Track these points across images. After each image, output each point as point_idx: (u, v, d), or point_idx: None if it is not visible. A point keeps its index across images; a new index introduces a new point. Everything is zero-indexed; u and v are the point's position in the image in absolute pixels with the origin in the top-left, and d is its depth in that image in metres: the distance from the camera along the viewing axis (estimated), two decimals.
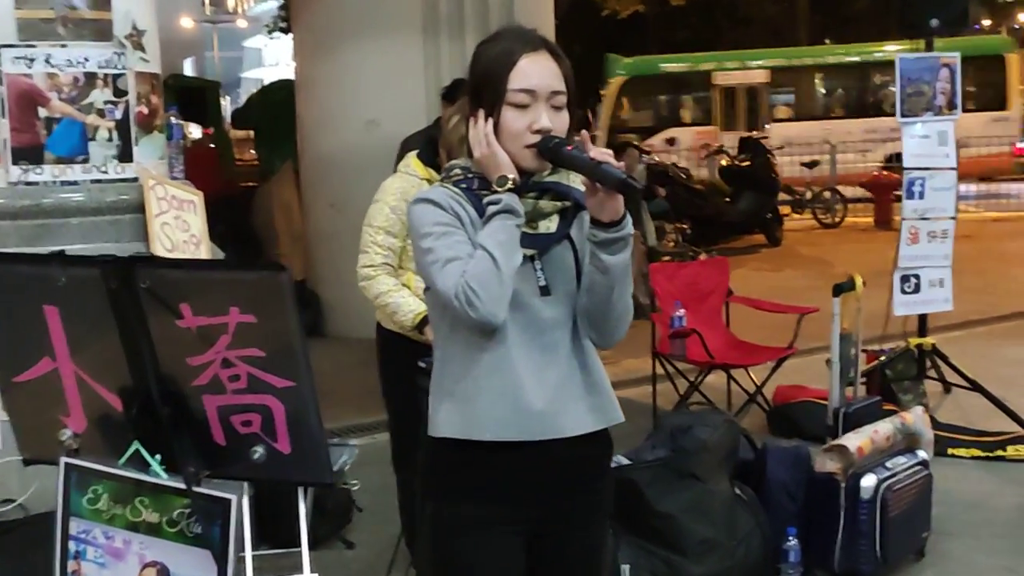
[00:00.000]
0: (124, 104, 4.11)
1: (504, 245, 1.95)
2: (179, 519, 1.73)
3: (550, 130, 2.01)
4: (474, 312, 1.93)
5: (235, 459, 1.75)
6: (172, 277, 1.69)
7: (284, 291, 1.65)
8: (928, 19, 5.67)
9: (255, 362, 1.69)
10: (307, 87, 9.03)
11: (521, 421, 2.03)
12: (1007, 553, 4.17)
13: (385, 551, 4.00)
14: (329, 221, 8.46)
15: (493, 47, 2.07)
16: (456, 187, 2.09)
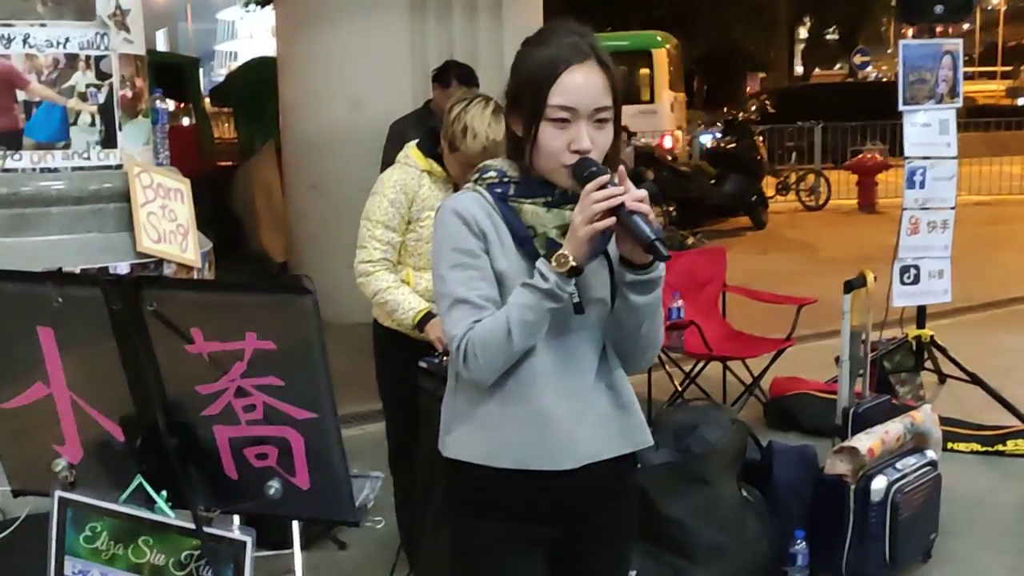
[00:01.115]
0: (107, 87, 3.92)
1: (528, 326, 1.86)
2: (187, 561, 1.59)
3: (589, 151, 1.88)
4: (466, 372, 1.90)
5: (248, 495, 1.62)
6: (182, 299, 1.55)
7: (308, 316, 1.51)
8: (932, 5, 5.58)
9: (273, 392, 1.56)
10: (290, 65, 8.88)
11: (549, 449, 1.96)
12: (1010, 552, 4.16)
13: (379, 552, 3.91)
14: (311, 203, 8.35)
15: (539, 52, 1.93)
16: (489, 192, 1.96)
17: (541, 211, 1.93)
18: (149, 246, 3.86)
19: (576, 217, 1.82)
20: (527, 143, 1.92)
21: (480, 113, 3.41)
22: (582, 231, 1.81)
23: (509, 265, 1.93)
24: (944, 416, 5.38)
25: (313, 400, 1.56)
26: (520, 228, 1.93)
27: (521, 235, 1.93)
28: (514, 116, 1.97)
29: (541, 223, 1.93)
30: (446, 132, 3.46)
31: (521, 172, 1.97)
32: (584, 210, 1.80)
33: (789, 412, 5.57)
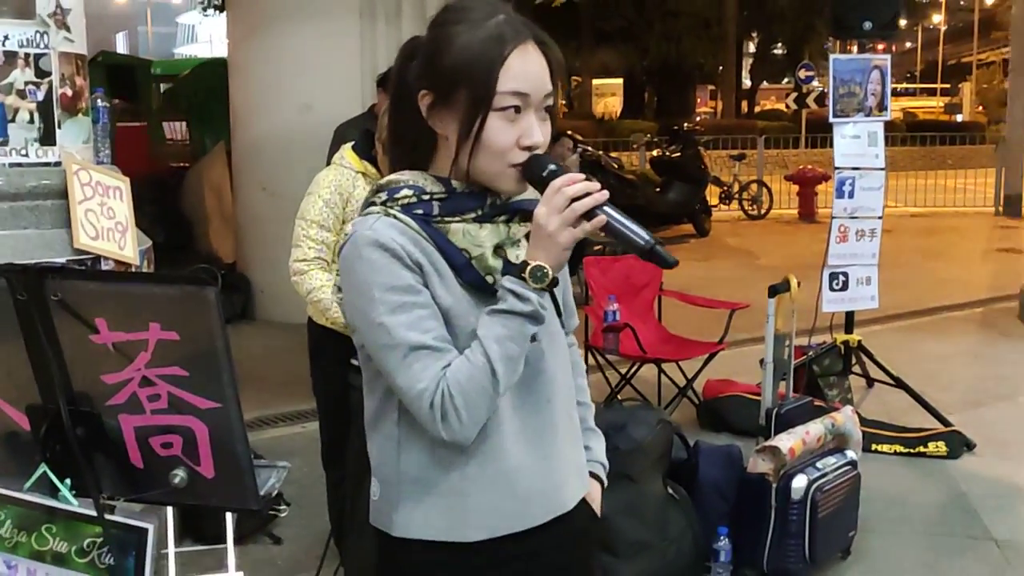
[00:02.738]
0: (47, 85, 3.87)
1: (512, 361, 1.52)
2: (90, 549, 1.58)
3: (541, 146, 1.58)
4: (447, 432, 1.53)
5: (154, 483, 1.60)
6: (86, 289, 1.54)
7: (210, 307, 1.50)
8: (860, 21, 5.67)
9: (177, 381, 1.55)
10: (240, 68, 8.83)
11: (520, 510, 1.64)
12: (927, 549, 4.22)
13: (313, 546, 3.89)
14: (261, 205, 8.31)
15: (472, 32, 1.55)
16: (408, 215, 1.58)
17: (473, 229, 1.59)
18: (86, 243, 3.82)
19: (548, 220, 1.50)
20: (465, 142, 1.56)
21: None
22: (563, 236, 1.50)
23: (455, 301, 1.57)
24: (869, 418, 5.47)
25: (217, 390, 1.55)
26: (456, 254, 1.58)
27: (459, 262, 1.58)
28: (442, 110, 1.58)
29: (476, 243, 1.59)
30: (379, 134, 3.47)
31: (441, 185, 1.61)
32: (560, 211, 1.50)
33: (721, 413, 5.62)
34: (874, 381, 6.16)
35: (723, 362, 5.88)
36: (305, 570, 3.73)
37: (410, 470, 1.63)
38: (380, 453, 1.68)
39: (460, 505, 1.61)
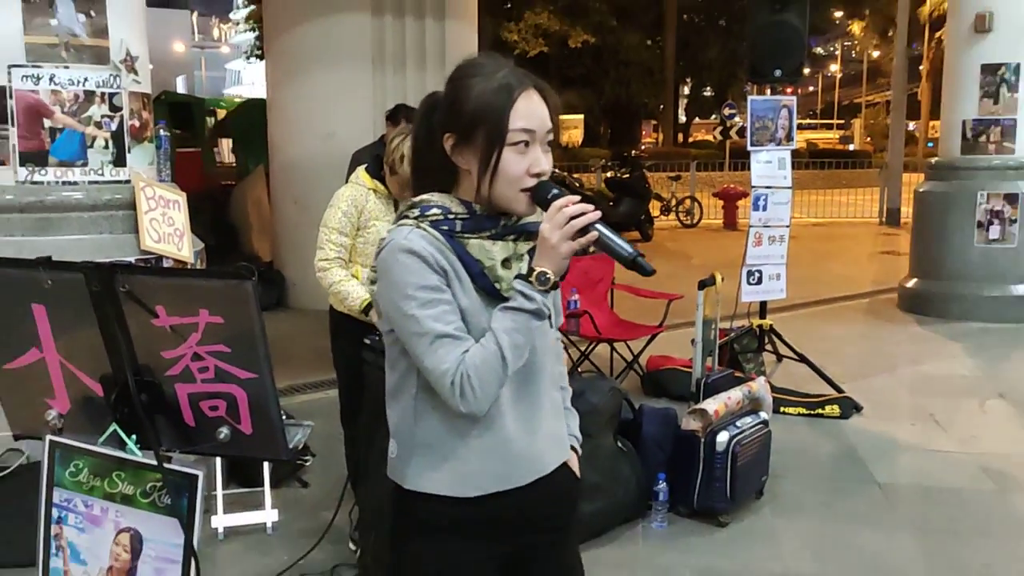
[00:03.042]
0: (119, 118, 3.84)
1: (519, 348, 1.52)
2: (151, 491, 1.56)
3: (547, 173, 1.58)
4: (464, 406, 1.52)
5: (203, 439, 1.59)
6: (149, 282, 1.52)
7: (249, 297, 1.49)
8: (772, 69, 5.68)
9: (222, 356, 1.54)
10: (277, 105, 8.78)
11: (510, 470, 1.64)
12: (824, 491, 4.22)
13: (334, 489, 3.87)
14: (293, 214, 8.25)
15: (486, 83, 1.56)
16: (436, 229, 1.56)
17: (487, 244, 1.58)
18: (151, 245, 3.80)
19: (551, 235, 1.50)
20: (485, 173, 1.55)
21: None
22: (564, 247, 1.51)
23: (470, 302, 1.56)
24: (779, 387, 5.48)
25: (254, 363, 1.54)
26: (473, 263, 1.57)
27: (475, 270, 1.57)
28: (465, 149, 1.58)
29: (489, 256, 1.58)
30: (387, 158, 3.45)
31: (464, 207, 1.59)
32: (561, 227, 1.50)
33: (660, 382, 5.62)
34: (782, 357, 6.18)
35: (662, 341, 5.89)
36: (327, 508, 3.71)
37: (423, 436, 1.62)
38: (399, 419, 1.66)
39: (461, 467, 1.60)
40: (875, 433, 4.95)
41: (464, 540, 1.64)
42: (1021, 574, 3.41)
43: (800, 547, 3.63)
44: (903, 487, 4.24)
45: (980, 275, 7.62)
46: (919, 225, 8.28)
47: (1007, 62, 7.50)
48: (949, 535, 3.73)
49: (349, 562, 3.40)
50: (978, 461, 4.52)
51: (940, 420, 5.16)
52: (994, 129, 7.59)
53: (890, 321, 7.84)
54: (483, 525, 1.65)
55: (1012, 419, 5.22)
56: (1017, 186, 7.56)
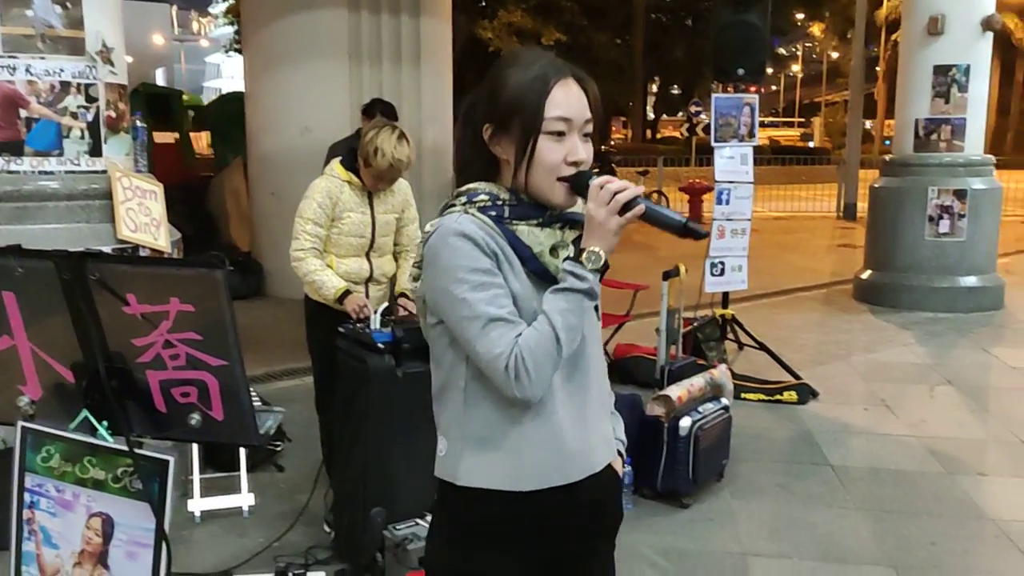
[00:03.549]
0: (95, 109, 3.77)
1: (573, 330, 1.45)
2: (122, 476, 1.54)
3: (585, 162, 1.51)
4: (519, 390, 1.44)
5: (175, 424, 1.56)
6: (119, 270, 1.49)
7: (219, 286, 1.46)
8: (735, 68, 5.69)
9: (193, 344, 1.51)
10: (255, 98, 8.67)
11: (564, 465, 1.54)
12: (781, 473, 4.25)
13: (310, 473, 3.84)
14: (271, 206, 8.17)
15: (522, 73, 1.51)
16: (484, 215, 1.51)
17: (535, 231, 1.52)
18: (127, 235, 3.74)
19: (597, 212, 1.45)
20: (521, 162, 1.50)
21: (388, 137, 3.37)
22: (612, 223, 1.45)
23: (521, 286, 1.49)
24: (739, 374, 5.52)
25: (225, 350, 1.51)
26: (523, 247, 1.50)
27: (525, 254, 1.51)
28: (502, 138, 1.52)
29: (537, 242, 1.52)
30: (362, 151, 3.42)
31: (510, 195, 1.53)
32: (606, 203, 1.45)
33: (627, 369, 5.62)
34: (744, 345, 6.22)
35: (628, 330, 5.91)
36: (302, 492, 3.69)
37: (475, 429, 1.53)
38: (448, 415, 1.57)
39: (516, 460, 1.51)
40: (830, 418, 5.00)
41: (513, 543, 1.55)
42: (965, 551, 3.47)
43: (758, 527, 3.66)
44: (855, 469, 4.29)
45: (930, 267, 7.72)
46: (874, 219, 8.36)
47: (958, 63, 7.59)
48: (898, 514, 3.78)
49: (324, 544, 3.38)
50: (926, 444, 4.59)
51: (891, 405, 5.22)
52: (945, 128, 7.68)
53: (845, 311, 7.91)
54: (535, 523, 1.55)
55: (959, 404, 5.29)
56: (966, 182, 7.66)
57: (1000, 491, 4.07)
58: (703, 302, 5.97)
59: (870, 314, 7.71)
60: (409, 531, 3.07)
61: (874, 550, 3.46)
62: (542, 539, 1.57)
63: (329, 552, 3.32)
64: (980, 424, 4.99)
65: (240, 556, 3.32)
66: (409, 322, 3.33)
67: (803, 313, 7.87)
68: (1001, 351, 6.46)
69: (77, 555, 1.58)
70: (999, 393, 5.55)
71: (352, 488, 3.20)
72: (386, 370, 3.12)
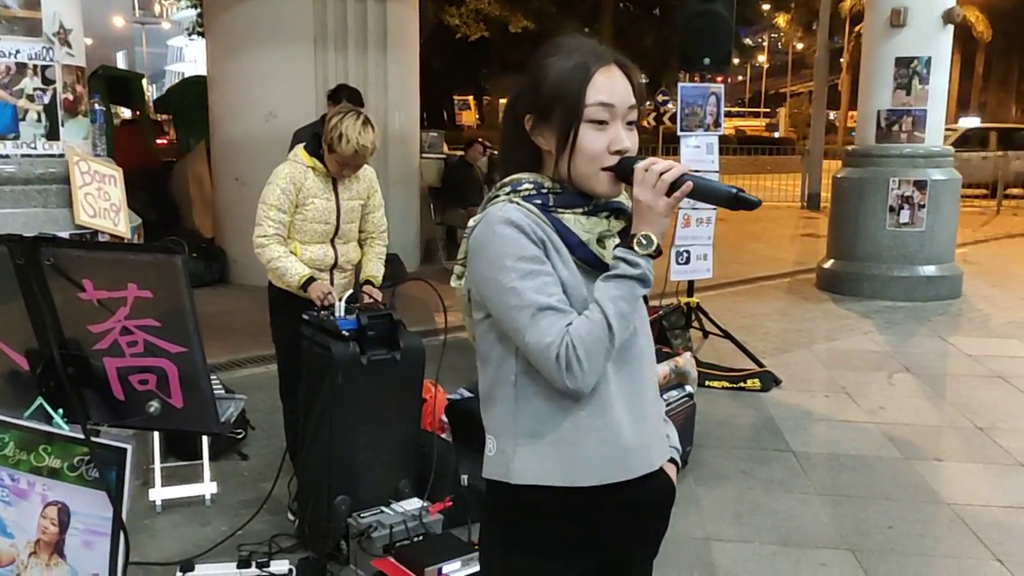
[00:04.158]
0: (52, 91, 3.70)
1: (625, 318, 1.41)
2: (79, 465, 1.51)
3: (629, 151, 1.46)
4: (571, 380, 1.39)
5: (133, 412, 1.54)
6: (74, 255, 1.46)
7: (178, 272, 1.44)
8: (702, 58, 5.72)
9: (151, 330, 1.49)
10: (218, 82, 8.55)
11: (622, 461, 1.48)
12: (744, 460, 4.30)
13: (274, 461, 3.82)
14: (235, 192, 8.08)
15: (563, 61, 1.47)
16: (530, 203, 1.46)
17: (582, 219, 1.48)
18: (85, 220, 3.67)
19: (644, 195, 1.41)
20: (563, 151, 1.46)
21: (353, 123, 3.34)
22: (661, 204, 1.41)
23: (570, 274, 1.45)
24: (704, 361, 5.57)
25: (184, 337, 1.49)
26: (570, 235, 1.46)
27: (573, 241, 1.47)
28: (544, 127, 1.48)
29: (584, 231, 1.48)
30: (326, 137, 3.39)
31: (556, 183, 1.49)
32: (653, 185, 1.41)
33: None
34: (708, 333, 6.27)
35: None
36: (266, 480, 3.66)
37: (529, 424, 1.46)
38: (498, 414, 1.49)
39: (572, 454, 1.45)
40: (792, 405, 5.06)
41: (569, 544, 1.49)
42: (920, 534, 3.54)
43: (721, 512, 3.70)
44: (816, 455, 4.36)
45: (891, 256, 7.85)
46: (836, 209, 8.47)
47: (919, 55, 7.70)
48: (856, 499, 3.84)
49: (288, 532, 3.36)
50: (884, 430, 4.67)
51: (851, 392, 5.30)
52: (906, 119, 7.79)
53: (808, 299, 8.01)
54: (593, 523, 1.49)
55: (916, 391, 5.39)
56: (926, 173, 7.79)
57: (955, 476, 4.15)
58: (668, 290, 6.01)
59: (832, 303, 7.81)
60: (374, 519, 3.06)
61: (833, 534, 3.52)
62: (598, 540, 1.51)
63: (293, 540, 3.30)
64: (937, 411, 5.08)
65: (202, 545, 3.29)
66: (374, 309, 3.31)
67: (767, 302, 7.95)
68: (958, 339, 6.59)
69: (33, 544, 1.56)
70: (955, 380, 5.66)
71: (317, 476, 3.18)
72: (351, 358, 3.10)
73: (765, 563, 3.28)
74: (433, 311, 6.10)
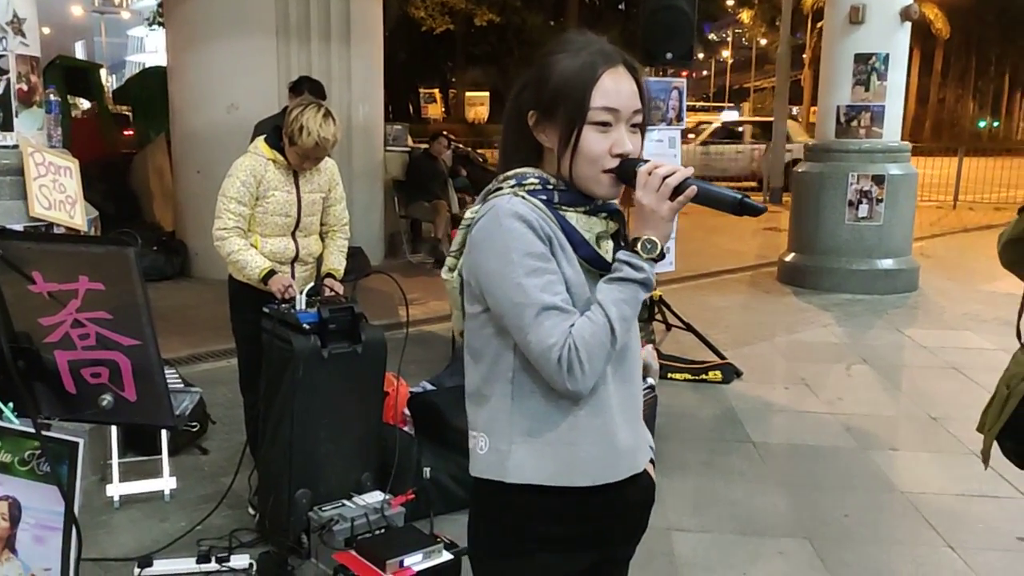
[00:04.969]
0: (5, 81, 3.62)
1: (627, 321, 1.40)
2: (30, 459, 1.49)
3: (631, 154, 1.44)
4: (571, 383, 1.37)
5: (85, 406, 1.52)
6: (24, 247, 1.44)
7: (130, 264, 1.42)
8: (664, 52, 5.75)
9: (103, 323, 1.47)
10: (178, 73, 8.43)
11: (616, 461, 1.48)
12: (706, 452, 4.34)
13: (234, 456, 3.79)
14: (196, 184, 7.97)
15: (571, 60, 1.44)
16: (535, 198, 1.44)
17: (583, 218, 1.47)
18: (40, 212, 3.60)
19: (647, 199, 1.40)
20: (565, 151, 1.44)
21: (314, 116, 3.32)
22: (664, 209, 1.39)
23: (574, 272, 1.43)
24: (666, 354, 5.62)
25: (137, 330, 1.48)
26: (574, 232, 1.45)
27: (577, 239, 1.45)
28: (547, 126, 1.46)
29: (586, 228, 1.46)
30: (287, 129, 3.36)
31: (560, 180, 1.47)
32: (656, 189, 1.39)
33: None
34: (671, 326, 6.31)
35: None
36: (226, 474, 3.63)
37: (525, 422, 1.44)
38: (491, 411, 1.47)
39: (569, 453, 1.44)
40: (753, 396, 5.13)
41: (561, 544, 1.48)
42: (875, 521, 3.61)
43: (682, 503, 3.75)
44: (775, 446, 4.42)
45: (850, 250, 7.97)
46: (797, 203, 8.58)
47: (878, 52, 7.82)
48: (814, 488, 3.91)
49: (248, 526, 3.34)
50: (842, 421, 4.75)
51: (810, 384, 5.38)
52: (865, 115, 7.91)
53: (770, 292, 8.11)
54: (585, 523, 1.49)
55: (873, 382, 5.49)
56: (884, 168, 7.92)
57: (909, 465, 4.24)
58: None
59: (793, 296, 7.92)
60: (335, 512, 3.06)
61: (790, 522, 3.58)
62: (589, 540, 1.51)
63: (254, 535, 3.29)
64: (893, 401, 5.19)
65: (161, 541, 3.26)
66: (335, 302, 3.30)
67: (729, 295, 8.03)
68: (914, 331, 6.72)
69: None
70: (911, 372, 5.77)
71: (277, 470, 3.17)
72: (312, 351, 3.09)
73: (724, 552, 3.33)
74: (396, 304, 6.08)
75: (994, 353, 5.67)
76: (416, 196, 9.53)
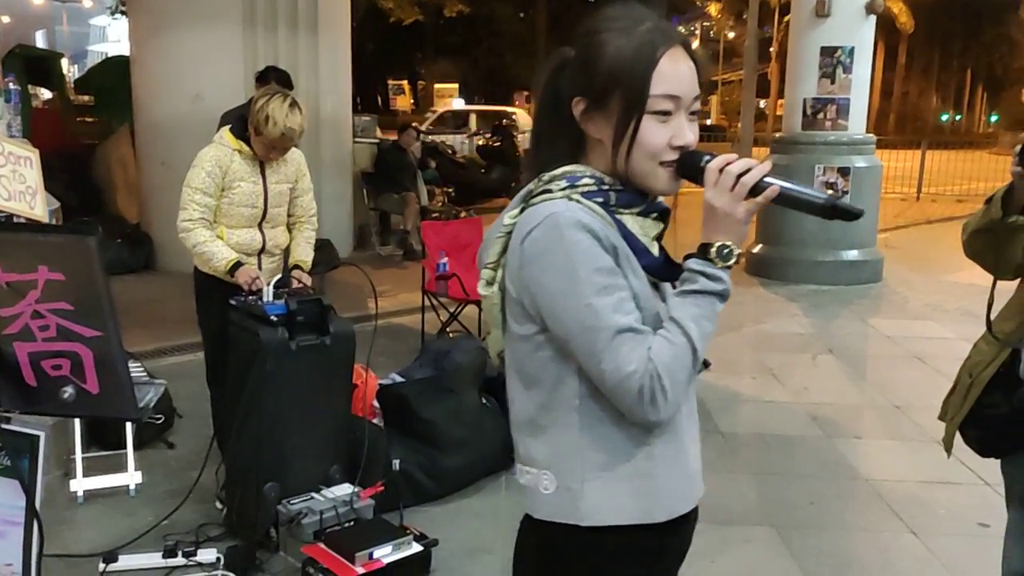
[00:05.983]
0: None
1: (707, 339, 1.25)
2: None
3: (693, 146, 1.29)
4: (652, 413, 1.21)
5: (46, 399, 1.49)
6: None
7: (91, 253, 1.40)
8: None
9: (64, 314, 1.44)
10: (141, 63, 8.31)
11: (687, 488, 1.36)
12: None
13: (201, 450, 3.75)
14: (160, 175, 7.86)
15: (624, 39, 1.26)
16: (592, 201, 1.27)
17: (640, 220, 1.31)
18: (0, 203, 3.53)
19: (720, 200, 1.25)
20: (621, 143, 1.27)
21: (280, 105, 3.29)
22: (739, 211, 1.24)
23: (640, 284, 1.27)
24: None
25: (99, 321, 1.45)
26: (636, 240, 1.28)
27: (638, 247, 1.29)
28: (597, 114, 1.28)
29: (643, 232, 1.31)
30: (252, 120, 3.33)
31: (615, 177, 1.30)
32: (730, 188, 1.24)
33: None
34: None
35: None
36: (193, 468, 3.60)
37: (595, 455, 1.27)
38: (555, 444, 1.29)
39: (648, 487, 1.29)
40: (721, 387, 5.17)
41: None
42: (840, 509, 3.67)
43: None
44: (742, 435, 4.47)
45: (816, 242, 8.06)
46: None
47: (843, 45, 7.91)
48: (781, 476, 3.96)
49: (215, 521, 3.32)
50: (808, 410, 4.81)
51: (777, 374, 5.45)
52: (830, 107, 8.00)
53: (738, 283, 8.06)
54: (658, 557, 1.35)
55: (839, 372, 5.57)
56: (849, 160, 8.02)
57: (873, 453, 4.31)
58: None
59: (760, 287, 8.00)
60: (304, 505, 3.05)
61: (757, 510, 3.62)
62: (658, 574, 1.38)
63: (221, 529, 3.26)
64: (857, 391, 5.26)
65: (127, 536, 3.22)
66: (303, 294, 3.28)
67: None
68: (878, 321, 6.82)
69: None
70: (875, 361, 5.86)
71: (245, 463, 3.14)
72: (279, 343, 3.06)
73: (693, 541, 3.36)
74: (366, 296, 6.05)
75: (956, 342, 5.77)
76: (385, 188, 9.49)
